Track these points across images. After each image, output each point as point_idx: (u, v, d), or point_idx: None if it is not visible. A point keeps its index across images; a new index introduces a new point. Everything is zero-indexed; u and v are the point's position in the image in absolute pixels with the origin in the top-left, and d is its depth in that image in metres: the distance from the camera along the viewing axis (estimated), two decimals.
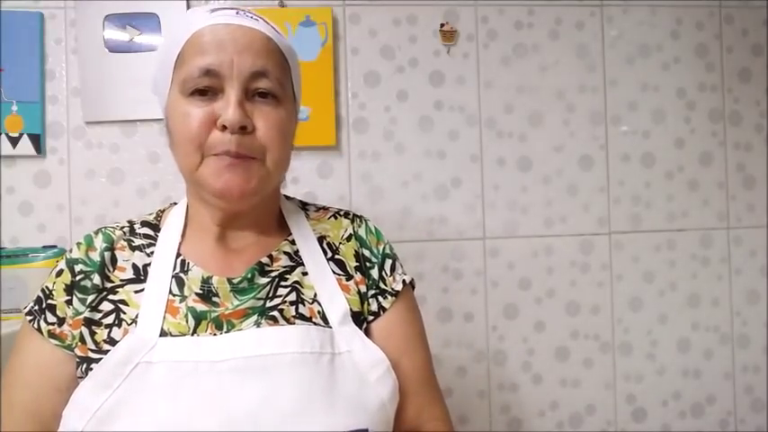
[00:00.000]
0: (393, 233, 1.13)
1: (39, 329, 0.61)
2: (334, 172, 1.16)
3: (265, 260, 0.65)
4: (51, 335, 0.60)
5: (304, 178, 1.15)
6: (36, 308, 0.62)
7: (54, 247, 1.03)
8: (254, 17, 0.62)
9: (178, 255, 0.64)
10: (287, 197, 0.74)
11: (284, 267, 0.65)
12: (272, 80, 0.60)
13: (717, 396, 1.24)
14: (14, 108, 1.09)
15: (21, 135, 1.09)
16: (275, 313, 0.61)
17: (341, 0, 1.16)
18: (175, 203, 0.70)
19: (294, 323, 0.61)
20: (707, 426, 1.23)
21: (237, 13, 0.61)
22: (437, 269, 1.17)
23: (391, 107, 1.17)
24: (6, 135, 1.09)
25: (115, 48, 1.11)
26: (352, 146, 1.16)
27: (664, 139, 1.23)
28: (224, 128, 0.57)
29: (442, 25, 1.17)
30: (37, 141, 1.10)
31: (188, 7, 1.12)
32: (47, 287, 0.62)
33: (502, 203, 1.19)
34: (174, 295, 0.61)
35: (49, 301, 0.61)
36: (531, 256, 1.20)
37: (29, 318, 0.61)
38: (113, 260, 0.63)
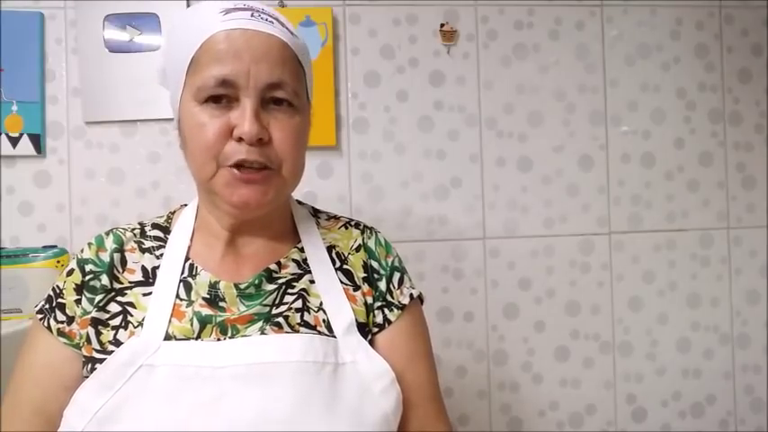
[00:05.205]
0: (393, 233, 1.13)
1: (48, 327, 0.61)
2: (335, 172, 1.16)
3: (273, 267, 0.64)
4: (60, 333, 0.61)
5: (304, 178, 1.13)
6: (47, 306, 0.62)
7: (54, 247, 1.03)
8: (269, 19, 0.60)
9: (187, 258, 0.64)
10: (299, 202, 0.74)
11: (292, 275, 0.65)
12: (288, 91, 0.59)
13: (717, 396, 1.24)
14: (14, 108, 1.09)
15: (21, 135, 1.09)
16: (280, 320, 0.61)
17: (341, 0, 1.16)
18: (185, 205, 0.70)
19: (299, 331, 0.61)
20: (707, 426, 1.23)
21: (252, 15, 0.59)
22: (437, 269, 1.17)
23: (391, 107, 1.17)
24: (6, 135, 1.09)
25: (115, 48, 1.11)
26: (352, 146, 1.16)
27: (664, 139, 1.23)
28: (240, 139, 0.57)
29: (442, 25, 1.17)
30: (37, 141, 1.10)
31: (188, 7, 1.12)
32: (57, 286, 0.63)
33: (502, 203, 1.19)
34: (180, 299, 0.61)
35: (59, 300, 0.62)
36: (531, 256, 1.20)
37: (39, 316, 0.62)
38: (123, 261, 0.64)
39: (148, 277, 0.63)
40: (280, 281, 0.64)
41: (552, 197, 1.20)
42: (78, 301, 0.61)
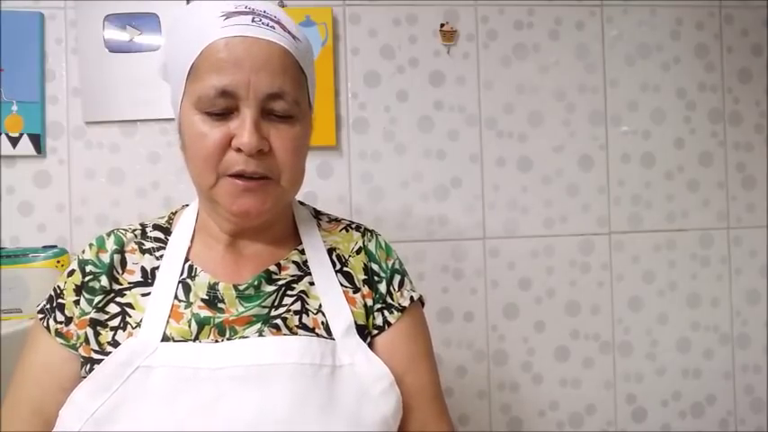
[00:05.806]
0: (393, 233, 1.13)
1: (47, 328, 0.61)
2: (335, 172, 1.16)
3: (273, 268, 0.64)
4: (58, 333, 0.61)
5: (304, 178, 1.15)
6: (47, 306, 0.63)
7: (54, 247, 1.03)
8: (271, 23, 0.59)
9: (186, 260, 0.64)
10: (301, 203, 0.74)
11: (292, 276, 0.65)
12: (289, 101, 0.58)
13: (717, 396, 1.24)
14: (14, 108, 1.09)
15: (21, 135, 1.09)
16: (278, 322, 0.61)
17: (341, 0, 1.16)
18: (187, 205, 0.70)
19: (297, 333, 0.61)
20: (707, 426, 1.23)
21: (254, 20, 0.58)
22: (437, 269, 1.17)
23: (391, 107, 1.17)
24: (6, 135, 1.09)
25: (115, 48, 1.11)
26: (352, 146, 1.16)
27: (664, 139, 1.23)
28: (239, 149, 0.57)
29: (442, 25, 1.17)
30: (37, 141, 1.10)
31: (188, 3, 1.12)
32: (58, 286, 0.63)
33: (502, 203, 1.19)
34: (179, 301, 0.61)
35: (59, 300, 0.62)
36: (531, 256, 1.19)
37: (40, 316, 0.62)
38: (123, 263, 0.64)
39: (147, 278, 0.63)
40: (279, 282, 0.64)
41: (552, 197, 1.20)
42: (77, 302, 0.61)
